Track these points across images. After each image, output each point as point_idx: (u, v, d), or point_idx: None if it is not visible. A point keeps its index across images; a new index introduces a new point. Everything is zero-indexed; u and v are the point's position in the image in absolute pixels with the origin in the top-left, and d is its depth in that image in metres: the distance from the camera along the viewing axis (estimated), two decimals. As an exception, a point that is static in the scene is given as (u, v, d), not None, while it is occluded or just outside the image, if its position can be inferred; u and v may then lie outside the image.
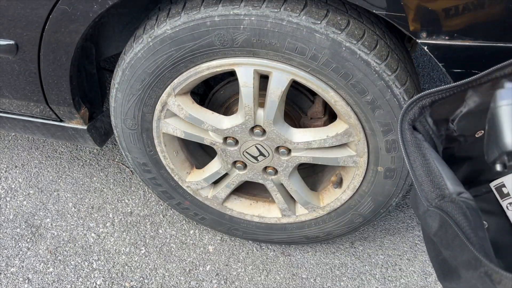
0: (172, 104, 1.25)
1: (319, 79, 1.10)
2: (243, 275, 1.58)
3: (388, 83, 1.06)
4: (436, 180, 0.80)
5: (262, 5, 1.03)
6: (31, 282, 1.55)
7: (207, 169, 1.44)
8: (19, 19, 1.16)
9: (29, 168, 1.92)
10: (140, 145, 1.38)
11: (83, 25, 1.13)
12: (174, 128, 1.32)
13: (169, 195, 1.53)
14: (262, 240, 1.60)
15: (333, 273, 1.57)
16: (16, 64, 1.27)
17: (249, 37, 1.06)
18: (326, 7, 1.04)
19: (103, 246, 1.65)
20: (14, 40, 1.20)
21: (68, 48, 1.19)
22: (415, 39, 0.96)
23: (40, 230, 1.70)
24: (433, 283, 1.54)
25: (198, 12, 1.07)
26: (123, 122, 1.33)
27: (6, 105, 1.45)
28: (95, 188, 1.84)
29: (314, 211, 1.43)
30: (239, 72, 1.14)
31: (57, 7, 1.11)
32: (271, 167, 1.35)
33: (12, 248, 1.64)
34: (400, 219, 1.73)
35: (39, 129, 1.51)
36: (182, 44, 1.11)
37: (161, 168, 1.44)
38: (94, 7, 1.09)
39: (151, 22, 1.15)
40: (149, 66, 1.17)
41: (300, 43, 1.04)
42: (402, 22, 0.95)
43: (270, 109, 1.18)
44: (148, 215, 1.74)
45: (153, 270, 1.58)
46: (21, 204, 1.78)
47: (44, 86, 1.30)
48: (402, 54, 1.12)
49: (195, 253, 1.63)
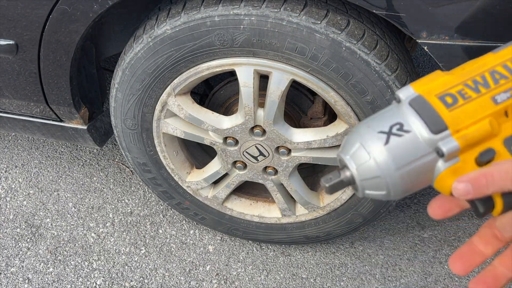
0: (172, 104, 1.25)
1: (319, 79, 1.10)
2: (243, 275, 1.58)
3: (388, 83, 1.06)
4: None
5: (262, 5, 1.03)
6: (31, 282, 1.55)
7: (207, 169, 1.44)
8: (19, 19, 1.16)
9: (29, 168, 1.92)
10: (140, 145, 1.38)
11: (83, 25, 1.13)
12: (174, 128, 1.32)
13: (169, 195, 1.53)
14: (262, 240, 1.60)
15: (333, 273, 1.57)
16: (16, 64, 1.27)
17: (249, 37, 1.06)
18: (326, 7, 1.04)
19: (103, 246, 1.65)
20: (14, 40, 1.20)
21: (68, 48, 1.19)
22: (415, 39, 0.96)
23: (40, 230, 1.70)
24: (433, 283, 1.54)
25: (198, 12, 1.07)
26: (123, 122, 1.33)
27: (6, 105, 1.45)
28: (95, 188, 1.84)
29: (314, 211, 1.43)
30: (239, 72, 1.14)
31: (57, 7, 1.11)
32: (271, 167, 1.35)
33: (12, 248, 1.64)
34: (400, 219, 1.72)
35: (39, 129, 1.51)
36: (182, 44, 1.11)
37: (161, 168, 1.44)
38: (94, 7, 1.09)
39: (151, 22, 1.15)
40: (149, 66, 1.17)
41: (300, 43, 1.04)
42: (402, 22, 0.95)
43: (270, 109, 1.18)
44: (148, 215, 1.74)
45: (153, 270, 1.58)
46: (21, 204, 1.78)
47: (44, 86, 1.30)
48: (402, 54, 1.12)
49: (195, 253, 1.63)
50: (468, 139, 0.47)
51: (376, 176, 0.49)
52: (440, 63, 0.98)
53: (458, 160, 0.47)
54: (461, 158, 0.47)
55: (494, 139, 0.48)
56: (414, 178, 0.48)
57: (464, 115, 0.47)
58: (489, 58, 0.51)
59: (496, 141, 0.48)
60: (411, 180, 0.49)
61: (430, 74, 0.51)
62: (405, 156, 0.48)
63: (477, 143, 0.47)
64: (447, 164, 0.47)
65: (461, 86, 0.49)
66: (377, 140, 0.48)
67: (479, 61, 0.51)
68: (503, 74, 0.49)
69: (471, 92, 0.48)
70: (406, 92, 0.49)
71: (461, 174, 0.47)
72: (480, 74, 0.49)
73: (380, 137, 0.48)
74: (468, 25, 0.92)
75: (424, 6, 0.92)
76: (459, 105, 0.47)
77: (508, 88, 0.48)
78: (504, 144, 0.48)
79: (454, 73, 0.50)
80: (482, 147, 0.47)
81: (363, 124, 0.50)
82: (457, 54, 0.96)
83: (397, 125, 0.48)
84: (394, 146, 0.48)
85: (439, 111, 0.47)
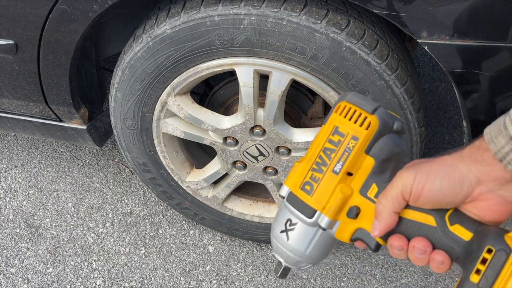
0: (172, 104, 1.25)
1: (319, 79, 1.10)
2: (243, 276, 1.57)
3: (388, 83, 1.06)
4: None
5: (262, 5, 1.03)
6: (30, 282, 1.54)
7: (207, 169, 1.44)
8: (18, 18, 1.16)
9: (28, 168, 1.91)
10: (140, 145, 1.38)
11: (82, 24, 1.13)
12: (173, 128, 1.31)
13: (169, 195, 1.53)
14: (262, 240, 1.60)
15: (333, 274, 1.57)
16: (16, 64, 1.26)
17: (249, 36, 1.06)
18: (326, 7, 1.04)
19: (102, 246, 1.65)
20: (13, 40, 1.20)
21: (67, 48, 1.18)
22: (415, 38, 0.96)
23: (39, 230, 1.69)
24: (434, 283, 1.53)
25: (198, 12, 1.06)
26: (123, 122, 1.32)
27: (5, 105, 1.44)
28: (94, 188, 1.84)
29: (314, 211, 1.43)
30: (239, 72, 1.14)
31: (57, 6, 1.11)
32: (271, 167, 1.35)
33: (12, 248, 1.64)
34: (400, 219, 1.72)
35: (38, 129, 1.51)
36: (181, 44, 1.11)
37: (161, 168, 1.44)
38: (94, 6, 1.08)
39: (150, 22, 1.15)
40: (148, 66, 1.17)
41: (300, 43, 1.04)
42: (402, 22, 0.95)
43: (270, 109, 1.18)
44: (148, 215, 1.74)
45: (153, 271, 1.58)
46: (20, 204, 1.78)
47: (44, 86, 1.30)
48: (402, 53, 1.12)
49: (195, 253, 1.63)
50: (333, 211, 0.60)
51: (298, 261, 0.65)
52: (440, 63, 0.98)
53: (339, 223, 0.62)
54: (340, 220, 0.62)
55: (353, 196, 0.61)
56: (322, 247, 0.64)
57: (321, 195, 0.61)
58: (320, 136, 0.63)
59: (355, 197, 0.61)
60: (321, 249, 0.65)
61: (293, 167, 0.66)
62: (304, 240, 0.63)
63: (341, 207, 0.61)
64: (334, 228, 0.62)
65: (311, 172, 0.62)
66: (283, 239, 0.64)
67: (316, 140, 0.64)
68: (332, 149, 0.61)
69: (318, 174, 0.62)
70: (284, 191, 0.65)
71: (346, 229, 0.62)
72: (318, 156, 0.62)
73: (283, 235, 0.64)
74: (468, 25, 0.92)
75: (425, 6, 0.91)
76: (315, 189, 0.61)
77: (339, 157, 0.60)
78: (361, 195, 0.61)
79: (305, 158, 0.64)
80: (346, 208, 0.61)
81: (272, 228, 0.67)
82: (457, 54, 0.96)
83: (288, 221, 0.64)
84: (293, 238, 0.64)
85: (305, 200, 0.62)
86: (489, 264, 0.52)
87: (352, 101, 0.61)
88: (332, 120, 0.62)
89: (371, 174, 0.60)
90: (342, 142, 0.60)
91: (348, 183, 0.61)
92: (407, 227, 0.58)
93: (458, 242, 0.55)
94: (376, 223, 0.59)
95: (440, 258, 0.56)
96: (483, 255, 0.52)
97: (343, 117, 0.61)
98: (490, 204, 0.54)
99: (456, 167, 0.54)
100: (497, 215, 0.55)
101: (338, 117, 0.61)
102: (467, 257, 0.54)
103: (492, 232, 0.53)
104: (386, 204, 0.57)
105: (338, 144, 0.60)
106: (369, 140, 0.59)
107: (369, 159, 0.60)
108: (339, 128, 0.61)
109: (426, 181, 0.55)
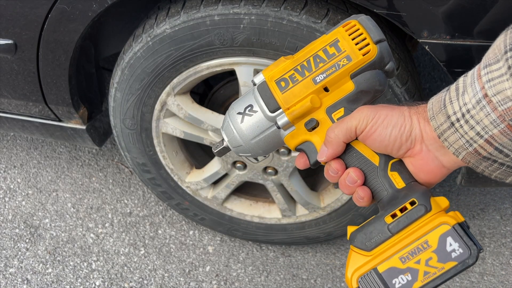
0: (172, 104, 1.24)
1: (320, 79, 1.09)
2: (243, 276, 1.57)
3: (389, 83, 1.06)
4: None
5: (262, 4, 1.03)
6: (30, 282, 1.54)
7: (207, 169, 1.44)
8: (18, 18, 1.15)
9: (28, 168, 1.91)
10: (139, 145, 1.37)
11: (82, 24, 1.12)
12: (173, 128, 1.31)
13: (168, 195, 1.52)
14: (262, 240, 1.59)
15: (334, 274, 1.57)
16: (15, 64, 1.26)
17: (249, 36, 1.05)
18: (326, 6, 1.03)
19: (102, 246, 1.64)
20: (13, 39, 1.20)
21: (67, 47, 1.18)
22: (416, 38, 0.96)
23: (39, 231, 1.69)
24: (434, 284, 1.53)
25: (198, 11, 1.06)
26: (122, 122, 1.32)
27: (4, 105, 1.44)
28: (94, 188, 1.83)
29: (314, 211, 1.42)
30: (239, 72, 1.14)
31: (56, 6, 1.10)
32: (271, 167, 1.35)
33: (11, 249, 1.63)
34: (401, 220, 1.72)
35: (37, 129, 1.50)
36: (181, 44, 1.10)
37: (161, 168, 1.43)
38: (93, 6, 1.08)
39: (150, 21, 1.14)
40: (148, 66, 1.17)
41: (300, 42, 1.03)
42: (403, 21, 0.94)
43: (270, 109, 1.17)
44: (148, 216, 1.74)
45: (153, 271, 1.58)
46: (20, 204, 1.78)
47: (43, 86, 1.30)
48: (403, 53, 1.12)
49: (195, 253, 1.63)
50: (295, 115, 0.62)
51: (240, 145, 0.66)
52: (441, 62, 0.97)
53: (294, 128, 0.64)
54: (296, 126, 0.63)
55: (318, 110, 0.62)
56: (267, 143, 0.66)
57: (292, 96, 0.62)
58: (317, 42, 0.63)
59: (320, 111, 0.62)
60: (266, 145, 0.66)
61: (277, 60, 0.65)
62: (256, 129, 0.65)
63: (304, 115, 0.62)
64: (287, 131, 0.64)
65: (292, 71, 0.62)
66: (237, 120, 0.65)
67: (312, 44, 0.63)
68: (323, 58, 0.61)
69: (298, 76, 0.62)
70: (258, 78, 0.64)
71: (297, 137, 0.64)
72: (307, 59, 0.62)
73: (238, 117, 0.65)
74: (469, 24, 0.92)
75: (425, 6, 0.91)
76: (289, 87, 0.62)
77: (325, 69, 0.61)
78: (326, 113, 0.63)
79: (294, 57, 0.63)
80: (307, 117, 0.63)
81: (231, 106, 0.67)
82: (458, 54, 0.96)
83: (249, 106, 0.65)
84: (247, 123, 0.65)
85: (274, 94, 0.62)
86: (407, 213, 0.56)
87: (363, 23, 0.61)
88: (336, 32, 0.62)
89: (344, 98, 0.62)
90: (336, 56, 0.60)
91: (321, 97, 0.62)
92: (352, 156, 0.61)
93: (389, 187, 0.59)
94: (325, 149, 0.61)
95: (362, 193, 0.60)
96: (405, 204, 0.56)
97: (348, 35, 0.61)
98: (425, 163, 0.58)
99: (409, 119, 0.57)
100: (430, 176, 0.58)
101: (343, 33, 0.61)
102: (389, 202, 0.58)
103: (422, 189, 0.57)
104: (339, 134, 0.59)
105: (331, 56, 0.61)
106: (360, 67, 0.60)
107: (350, 84, 0.61)
108: (339, 43, 0.61)
109: (380, 125, 0.57)
